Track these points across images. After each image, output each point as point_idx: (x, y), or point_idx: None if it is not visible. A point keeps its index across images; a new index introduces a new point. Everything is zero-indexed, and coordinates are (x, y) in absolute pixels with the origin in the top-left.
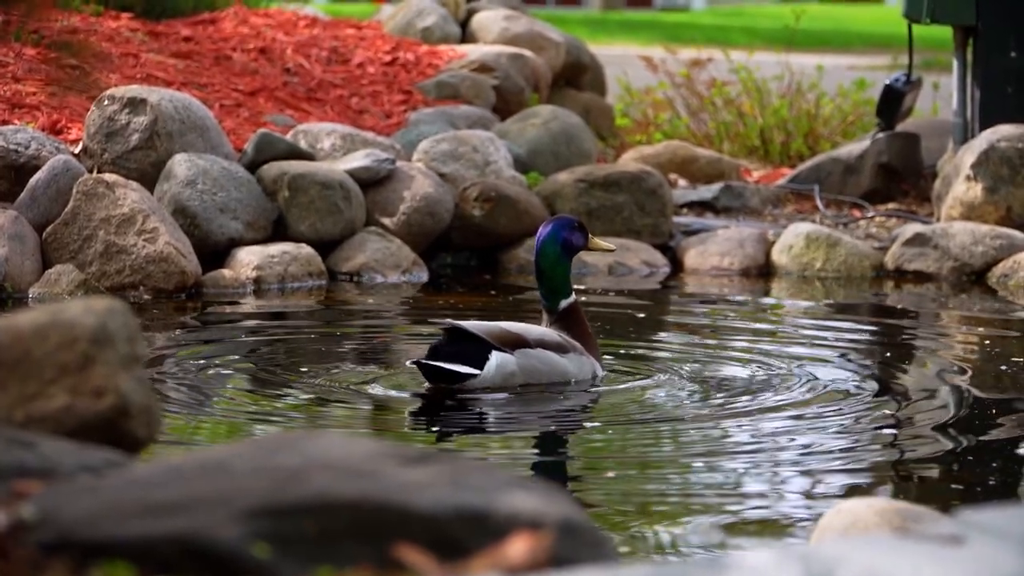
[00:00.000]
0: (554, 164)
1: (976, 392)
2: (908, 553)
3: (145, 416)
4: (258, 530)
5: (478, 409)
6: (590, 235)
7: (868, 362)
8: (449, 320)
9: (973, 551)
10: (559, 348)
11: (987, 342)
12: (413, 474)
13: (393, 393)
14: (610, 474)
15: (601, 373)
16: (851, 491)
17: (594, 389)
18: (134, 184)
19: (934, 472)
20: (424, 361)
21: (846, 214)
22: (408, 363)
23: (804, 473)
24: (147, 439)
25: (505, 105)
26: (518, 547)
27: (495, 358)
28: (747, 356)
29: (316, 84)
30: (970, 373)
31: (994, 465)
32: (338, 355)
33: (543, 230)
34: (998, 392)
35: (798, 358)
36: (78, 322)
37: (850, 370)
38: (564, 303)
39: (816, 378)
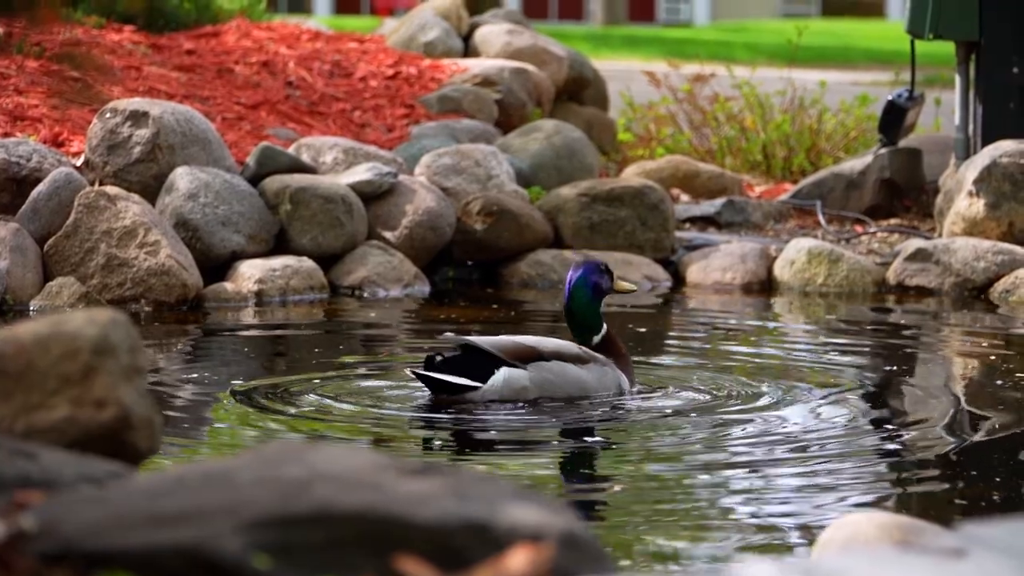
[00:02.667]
0: (556, 178)
1: (978, 407)
2: (909, 566)
3: (147, 428)
4: (262, 541)
5: (483, 421)
6: (615, 277)
7: (870, 377)
8: (464, 337)
9: (974, 565)
10: (577, 360)
11: (990, 358)
12: (415, 486)
13: (396, 405)
14: (616, 488)
15: (629, 388)
16: (853, 505)
17: (599, 402)
18: (136, 197)
19: (936, 486)
20: (422, 373)
21: (848, 229)
22: (408, 371)
23: (806, 487)
24: (148, 451)
25: (507, 119)
26: (519, 559)
27: (502, 373)
28: (749, 371)
29: (318, 98)
30: (972, 388)
31: (997, 480)
32: (340, 368)
33: (573, 274)
34: (1000, 407)
35: (800, 373)
36: (80, 333)
37: (852, 385)
38: (596, 339)
39: (818, 393)
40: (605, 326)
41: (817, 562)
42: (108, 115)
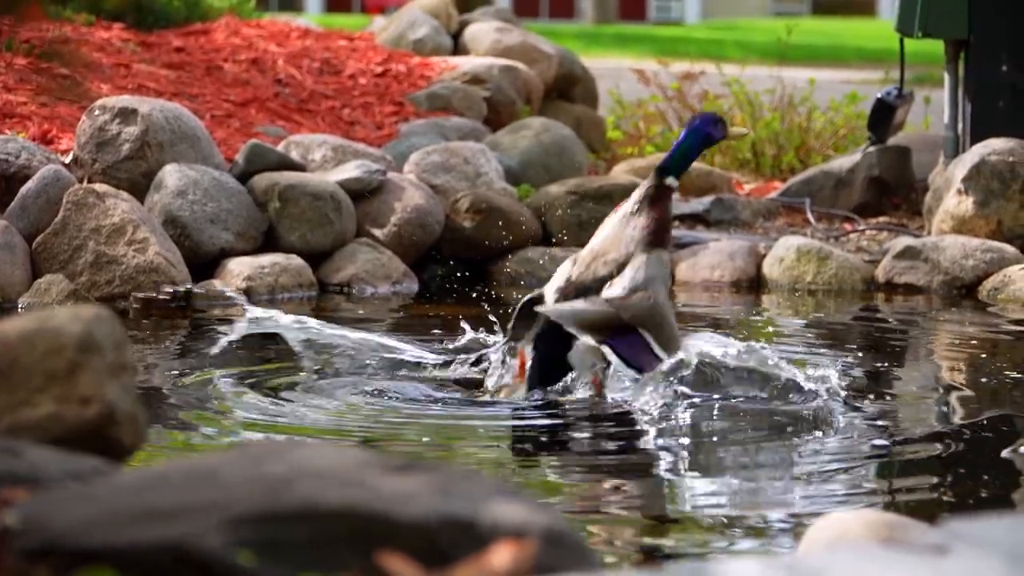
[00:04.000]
0: (545, 176)
1: (966, 405)
2: (893, 563)
3: (132, 424)
4: (246, 538)
5: (476, 417)
6: (728, 127)
7: (857, 374)
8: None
9: (958, 562)
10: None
11: (978, 355)
12: (399, 483)
13: (385, 402)
14: (604, 484)
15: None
16: (839, 502)
17: (582, 398)
18: (124, 194)
19: (924, 484)
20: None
21: (837, 227)
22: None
23: (792, 484)
24: (133, 447)
25: (497, 117)
26: (502, 555)
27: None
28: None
29: (307, 95)
30: (960, 386)
31: (985, 478)
32: (328, 365)
33: (694, 121)
34: (988, 405)
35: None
36: (65, 330)
37: (839, 382)
38: (669, 180)
39: (805, 390)
40: (677, 183)
41: (801, 559)
42: (97, 112)
